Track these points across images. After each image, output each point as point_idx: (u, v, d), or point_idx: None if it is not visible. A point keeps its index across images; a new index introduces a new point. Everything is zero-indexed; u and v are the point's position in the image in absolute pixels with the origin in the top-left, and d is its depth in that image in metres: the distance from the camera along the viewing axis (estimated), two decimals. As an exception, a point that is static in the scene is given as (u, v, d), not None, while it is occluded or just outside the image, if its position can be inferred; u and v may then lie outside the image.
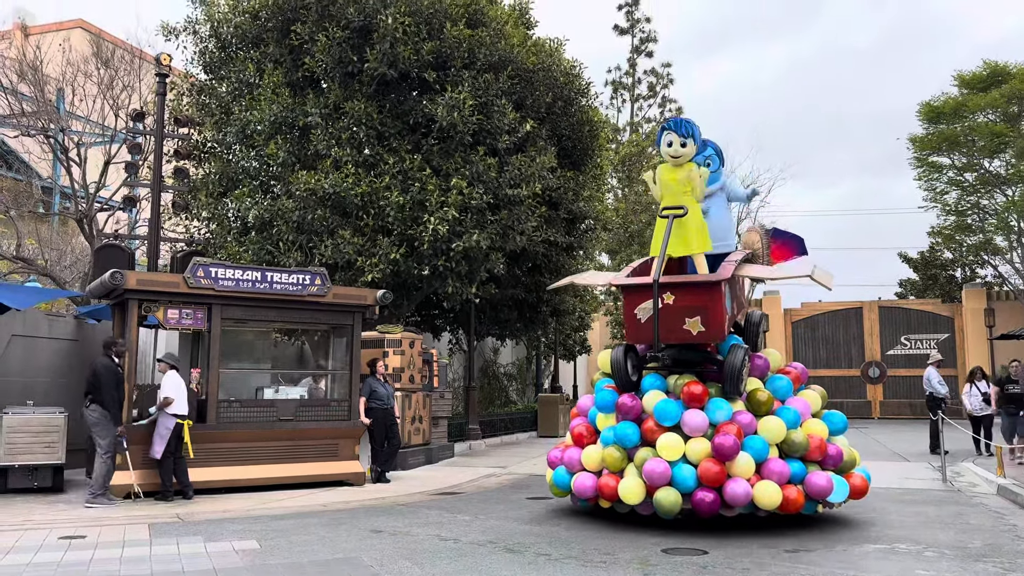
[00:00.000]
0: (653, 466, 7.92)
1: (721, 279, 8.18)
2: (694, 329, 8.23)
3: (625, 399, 8.54)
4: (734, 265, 8.57)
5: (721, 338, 8.40)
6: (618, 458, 8.37)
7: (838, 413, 9.13)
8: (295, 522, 8.89)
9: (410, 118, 15.02)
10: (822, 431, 8.60)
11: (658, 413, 8.26)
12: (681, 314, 8.23)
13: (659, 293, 8.11)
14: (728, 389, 8.42)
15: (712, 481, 7.84)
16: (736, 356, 8.36)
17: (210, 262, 11.15)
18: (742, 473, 7.90)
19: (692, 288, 8.28)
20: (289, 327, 13.70)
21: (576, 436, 9.10)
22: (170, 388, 10.31)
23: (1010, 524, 8.90)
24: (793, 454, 8.25)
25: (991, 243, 30.56)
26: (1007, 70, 28.81)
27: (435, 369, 15.97)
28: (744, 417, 8.27)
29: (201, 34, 16.15)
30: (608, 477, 8.45)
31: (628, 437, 8.33)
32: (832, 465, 8.45)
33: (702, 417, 8.14)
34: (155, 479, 10.30)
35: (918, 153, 30.65)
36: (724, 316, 8.25)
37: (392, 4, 14.41)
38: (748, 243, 9.85)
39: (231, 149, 16.08)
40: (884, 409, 31.71)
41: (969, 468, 13.88)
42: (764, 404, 8.50)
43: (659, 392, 8.59)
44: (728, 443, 7.83)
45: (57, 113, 18.42)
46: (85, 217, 17.78)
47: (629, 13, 37.91)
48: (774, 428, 8.23)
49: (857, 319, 32.89)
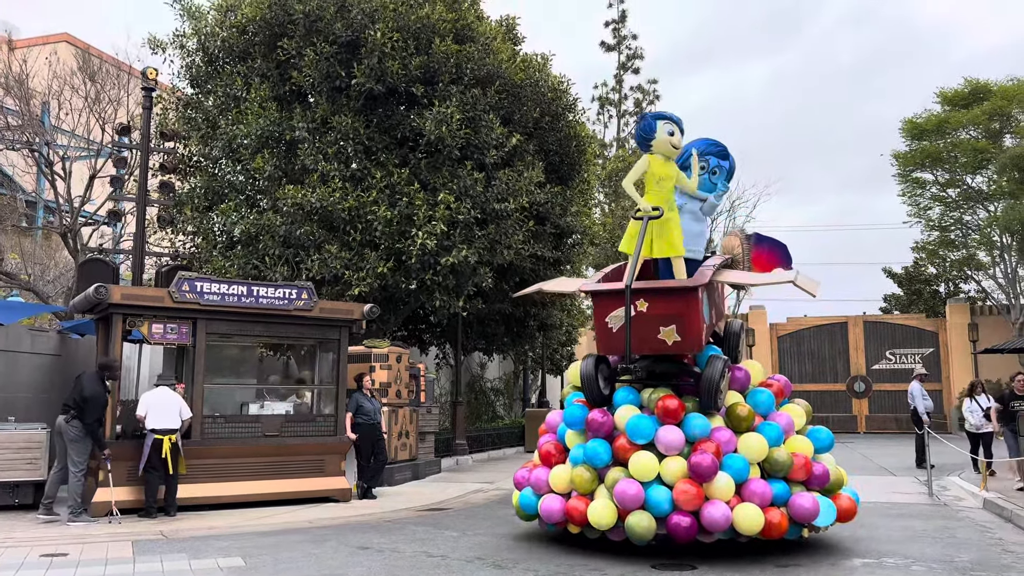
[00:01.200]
0: (625, 488, 7.31)
1: (698, 284, 7.57)
2: (669, 339, 7.62)
3: (595, 415, 7.90)
4: (712, 270, 8.00)
5: (698, 348, 7.80)
6: (588, 479, 7.72)
7: (824, 429, 8.52)
8: (281, 539, 8.80)
9: (398, 132, 15.04)
10: (807, 449, 7.99)
11: (630, 430, 7.61)
12: (655, 323, 7.61)
13: (632, 300, 7.55)
14: (706, 403, 7.78)
15: (688, 504, 7.25)
16: (714, 368, 7.71)
17: (195, 276, 11.08)
18: (721, 495, 7.30)
19: (667, 295, 7.65)
20: (275, 342, 13.62)
21: (544, 455, 8.44)
22: (142, 404, 10.18)
23: (996, 538, 8.92)
24: (776, 474, 7.65)
25: (974, 258, 30.81)
26: (988, 87, 29.17)
27: (422, 384, 15.91)
28: (723, 434, 7.67)
29: (188, 48, 16.15)
30: (577, 500, 7.77)
31: (598, 456, 7.68)
32: (818, 485, 7.83)
33: (678, 434, 7.52)
34: (140, 496, 10.20)
35: (901, 169, 30.94)
36: (701, 325, 7.66)
37: (380, 19, 14.45)
38: (728, 248, 9.33)
39: (217, 163, 16.04)
40: (870, 423, 31.82)
41: (955, 482, 13.92)
42: (745, 420, 7.85)
43: (632, 407, 7.94)
44: (705, 462, 7.24)
45: (42, 127, 18.33)
46: (69, 231, 17.66)
47: (616, 30, 38.18)
48: (755, 446, 7.62)
49: (842, 334, 33.05)
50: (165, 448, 10.07)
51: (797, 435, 8.18)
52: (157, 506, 10.12)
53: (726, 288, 9.81)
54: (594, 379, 8.13)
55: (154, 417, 10.10)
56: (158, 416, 10.12)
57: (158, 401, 10.20)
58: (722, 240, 9.62)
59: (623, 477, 7.46)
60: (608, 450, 7.72)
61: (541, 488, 8.24)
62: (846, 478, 8.45)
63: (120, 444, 10.35)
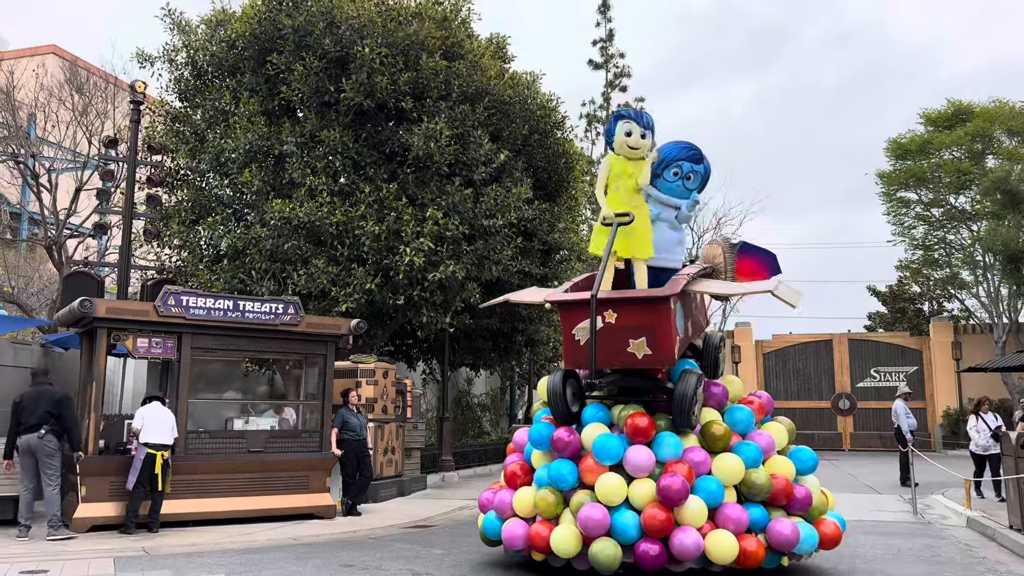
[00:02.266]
0: (589, 513, 6.80)
1: (669, 294, 7.07)
2: (639, 352, 7.11)
3: (561, 433, 7.38)
4: (685, 279, 7.47)
5: (670, 362, 7.25)
6: (552, 502, 7.17)
7: (807, 450, 7.95)
8: (264, 556, 8.73)
9: (386, 148, 15.07)
10: (788, 470, 7.46)
11: (597, 450, 7.08)
12: (624, 335, 7.10)
13: (600, 310, 7.08)
14: (678, 421, 7.24)
15: (657, 531, 6.74)
16: (687, 383, 7.17)
17: (181, 290, 11.03)
18: (692, 521, 6.79)
19: (636, 305, 7.16)
20: (261, 357, 13.56)
21: (509, 476, 7.88)
22: (138, 417, 10.14)
23: (979, 556, 8.96)
24: (754, 497, 7.15)
25: (957, 277, 31.09)
26: (971, 109, 29.55)
27: (408, 400, 15.86)
28: (697, 454, 7.18)
29: (177, 62, 16.15)
30: (541, 525, 7.22)
31: (563, 478, 7.17)
32: (799, 510, 7.29)
33: (647, 454, 7.02)
34: (121, 511, 10.09)
35: (886, 188, 31.24)
36: (673, 337, 7.16)
37: (369, 35, 14.50)
38: (708, 257, 8.78)
39: (204, 177, 16.00)
40: (854, 441, 31.95)
41: (939, 500, 13.98)
42: (720, 439, 7.33)
43: (600, 425, 7.43)
44: (675, 485, 6.68)
45: (28, 138, 18.25)
46: (54, 244, 17.56)
47: (604, 48, 38.44)
48: (731, 467, 7.13)
49: (827, 351, 33.21)
50: (157, 464, 9.98)
51: (778, 456, 7.68)
52: (138, 522, 10.01)
53: (708, 300, 9.32)
54: (561, 395, 7.63)
55: (150, 431, 10.03)
56: (154, 431, 10.05)
57: (154, 416, 10.15)
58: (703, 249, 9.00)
59: (589, 501, 6.97)
60: (574, 471, 7.24)
61: (505, 511, 7.70)
62: (833, 501, 7.94)
63: (102, 459, 10.25)
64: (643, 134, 7.83)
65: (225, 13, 16.04)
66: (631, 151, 7.82)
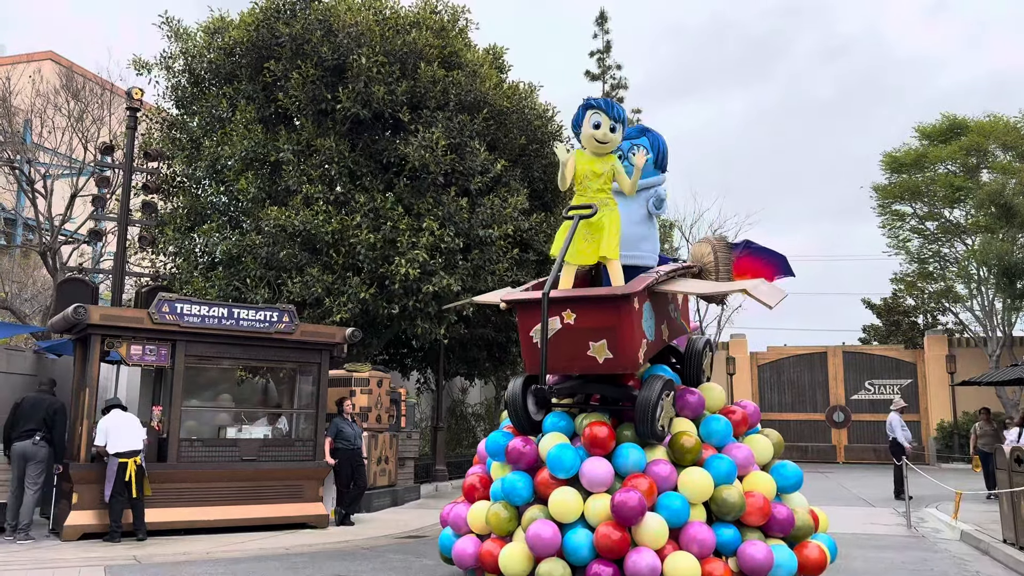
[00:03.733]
0: (538, 530, 6.24)
1: (631, 292, 6.42)
2: (600, 356, 6.45)
3: (515, 443, 6.85)
4: (653, 277, 6.86)
5: (634, 367, 6.61)
6: (504, 518, 6.65)
7: (791, 465, 7.29)
8: (256, 565, 8.68)
9: (383, 157, 15.08)
10: (768, 488, 6.80)
11: (551, 461, 6.52)
12: (584, 337, 6.47)
13: (557, 310, 6.50)
14: (641, 431, 6.61)
15: (610, 551, 6.14)
16: (651, 389, 6.55)
17: (176, 298, 11.00)
18: (650, 541, 6.16)
19: (596, 304, 6.51)
20: (255, 364, 13.50)
21: (467, 489, 7.38)
22: (100, 433, 10.01)
23: (973, 570, 8.95)
24: (725, 517, 6.50)
25: (952, 291, 31.16)
26: (965, 123, 29.67)
27: (403, 409, 15.82)
28: (662, 468, 6.55)
29: (174, 69, 16.15)
30: (493, 543, 6.69)
31: (516, 491, 6.63)
32: (779, 531, 6.64)
33: (605, 468, 6.44)
34: (109, 519, 10.04)
35: (881, 201, 31.33)
36: (637, 340, 6.52)
37: (366, 44, 14.53)
38: (697, 256, 8.12)
39: (200, 184, 15.99)
40: (849, 454, 31.93)
41: (933, 514, 13.97)
42: (690, 452, 6.65)
43: (559, 435, 6.86)
44: (630, 502, 6.06)
45: (24, 144, 18.22)
46: (49, 250, 17.52)
47: (601, 60, 38.57)
48: (698, 483, 6.46)
49: (822, 364, 33.23)
50: (130, 471, 9.88)
51: (759, 472, 7.01)
52: (122, 530, 9.92)
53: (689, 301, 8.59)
54: (520, 402, 7.06)
55: (115, 441, 9.93)
56: (118, 439, 9.94)
57: (116, 424, 10.03)
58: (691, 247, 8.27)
59: (541, 517, 6.43)
60: (528, 485, 6.68)
61: (460, 527, 7.18)
62: (825, 522, 7.37)
63: (94, 467, 10.19)
64: (612, 127, 7.10)
65: (223, 21, 16.06)
66: (599, 146, 7.13)
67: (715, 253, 7.89)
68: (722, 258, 7.89)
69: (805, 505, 7.11)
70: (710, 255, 7.90)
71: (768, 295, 7.11)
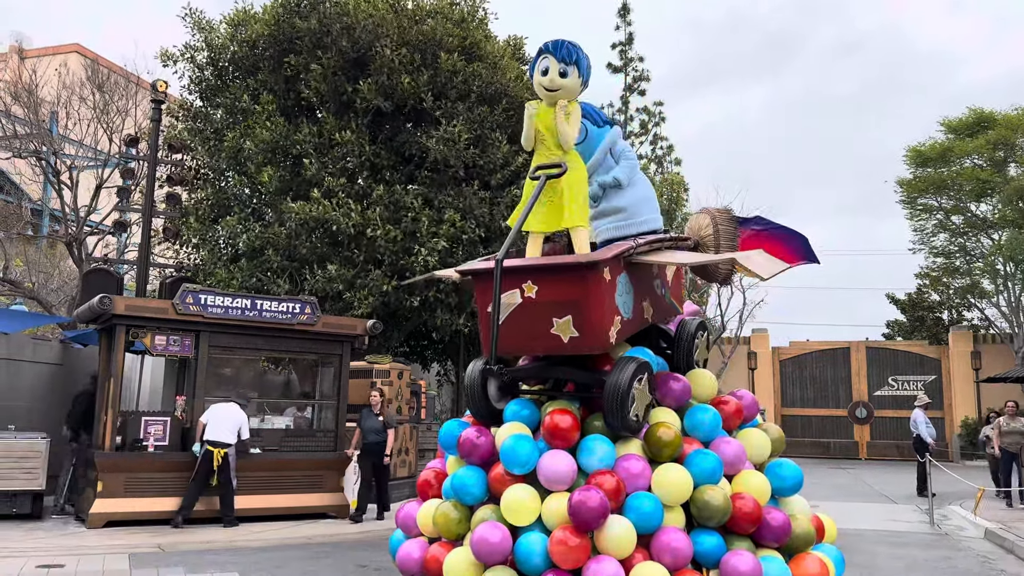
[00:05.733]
0: (484, 534, 5.35)
1: (599, 260, 5.50)
2: (564, 334, 5.54)
3: (468, 434, 5.95)
4: (628, 245, 5.87)
5: (602, 347, 5.63)
6: (454, 519, 5.73)
7: (790, 464, 6.18)
8: (278, 555, 8.75)
9: (404, 150, 15.10)
10: (760, 489, 5.77)
11: (505, 455, 5.60)
12: (547, 313, 5.56)
13: (517, 282, 5.59)
14: (610, 422, 5.65)
15: (567, 559, 5.21)
16: (622, 373, 5.56)
17: (199, 289, 11.10)
18: (614, 548, 5.23)
19: (559, 275, 5.55)
20: (277, 356, 13.61)
21: (420, 485, 6.43)
22: (206, 414, 10.57)
23: (998, 569, 8.86)
24: (707, 522, 5.50)
25: (978, 286, 30.79)
26: (992, 116, 29.26)
27: (423, 400, 15.87)
28: (634, 464, 5.57)
29: (198, 61, 16.26)
30: (440, 547, 5.78)
31: (466, 489, 5.75)
32: (773, 540, 5.60)
33: (566, 463, 5.48)
34: (135, 508, 10.20)
35: (906, 196, 31.00)
36: (607, 316, 5.59)
37: (386, 35, 14.54)
38: (694, 229, 7.01)
39: (223, 175, 16.10)
40: (871, 450, 31.67)
41: (956, 511, 13.84)
42: (668, 446, 5.62)
43: (518, 425, 5.91)
44: (590, 502, 5.16)
45: (50, 136, 18.42)
46: (74, 240, 17.71)
47: (623, 52, 38.39)
48: (674, 482, 5.47)
49: (845, 359, 32.96)
50: (215, 461, 10.28)
51: (751, 471, 5.97)
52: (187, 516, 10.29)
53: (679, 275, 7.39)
54: (479, 388, 6.17)
55: (210, 429, 10.43)
56: (213, 429, 10.44)
57: (216, 416, 10.52)
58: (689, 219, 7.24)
59: (492, 519, 5.54)
60: (481, 482, 5.80)
61: (410, 529, 6.27)
62: (832, 531, 6.29)
63: (118, 456, 10.33)
64: (563, 71, 5.95)
65: (246, 14, 16.14)
66: (548, 94, 6.04)
67: (715, 225, 6.83)
68: (724, 231, 6.83)
69: (807, 511, 6.06)
70: (709, 227, 6.86)
71: (762, 266, 6.19)
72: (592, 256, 5.56)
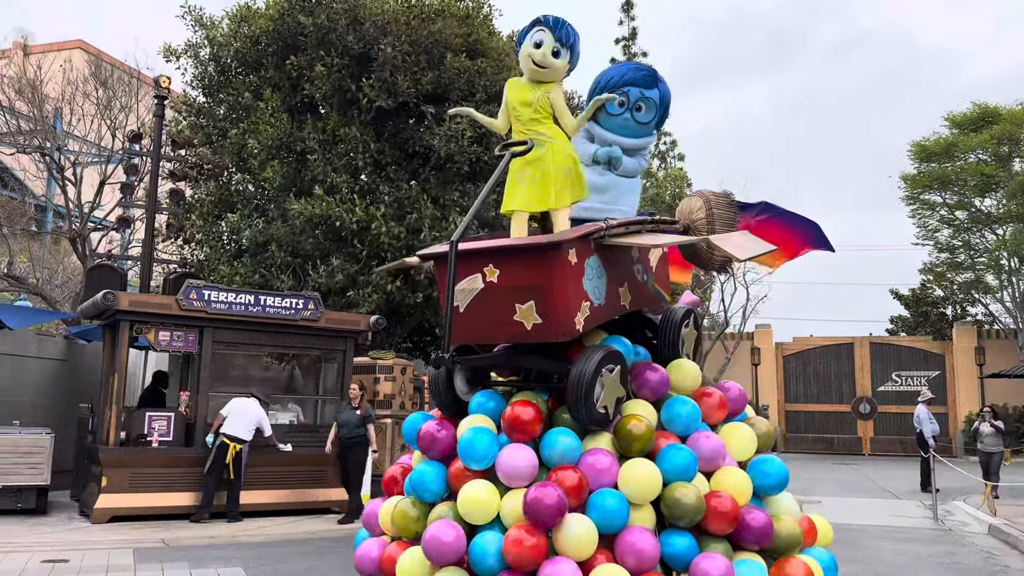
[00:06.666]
0: (436, 532, 5.01)
1: (563, 240, 5.10)
2: (528, 321, 5.15)
3: (429, 427, 5.61)
4: (599, 226, 5.45)
5: (567, 334, 5.19)
6: (412, 517, 5.41)
7: (774, 460, 5.64)
8: (281, 550, 8.78)
9: (408, 147, 15.09)
10: (740, 487, 5.29)
11: (463, 448, 5.29)
12: (510, 298, 5.18)
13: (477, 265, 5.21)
14: (575, 414, 5.27)
15: (522, 561, 4.85)
16: (586, 363, 5.16)
17: (203, 284, 11.12)
18: (572, 549, 4.87)
19: (521, 257, 5.16)
20: (281, 351, 13.63)
21: (386, 481, 6.05)
22: (227, 407, 10.70)
23: (1002, 564, 8.86)
24: (677, 521, 5.03)
25: (982, 281, 30.72)
26: (997, 111, 29.16)
27: (426, 396, 15.87)
28: (600, 459, 5.16)
29: (201, 57, 16.24)
30: (397, 547, 5.45)
31: (425, 486, 5.44)
32: (753, 542, 5.13)
33: (526, 458, 5.13)
34: (140, 503, 10.24)
35: (910, 191, 30.92)
36: (573, 301, 5.18)
37: (391, 33, 14.52)
38: (685, 212, 6.45)
39: (227, 171, 16.11)
40: (875, 446, 31.65)
41: (960, 507, 13.83)
42: (638, 439, 5.20)
43: (481, 418, 5.57)
44: (546, 499, 4.84)
45: (54, 132, 18.45)
46: (78, 236, 17.74)
47: (626, 47, 38.35)
48: (641, 478, 5.04)
49: (848, 355, 32.93)
50: (230, 455, 10.36)
51: (732, 467, 5.50)
52: (211, 511, 10.39)
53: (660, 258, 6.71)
54: (445, 378, 5.81)
55: (228, 423, 10.54)
56: (230, 423, 10.55)
57: (237, 409, 10.65)
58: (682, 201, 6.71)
59: (448, 517, 5.21)
60: (440, 478, 5.47)
61: (374, 527, 5.95)
62: (827, 534, 5.75)
63: (123, 451, 10.36)
64: (556, 50, 5.66)
65: (249, 9, 16.11)
66: (535, 69, 5.69)
67: (709, 208, 6.26)
68: (719, 216, 6.28)
69: (794, 511, 5.55)
70: (701, 211, 6.29)
71: (740, 247, 5.78)
72: (555, 237, 5.19)
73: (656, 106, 6.16)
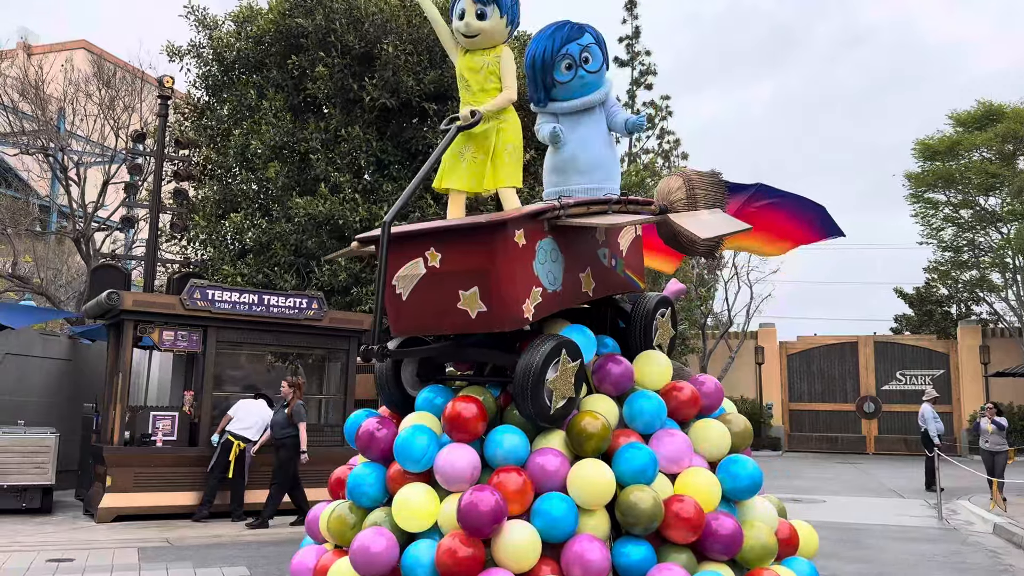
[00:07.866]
0: (364, 541, 4.54)
1: (507, 219, 4.56)
2: (472, 309, 4.67)
3: (368, 425, 5.09)
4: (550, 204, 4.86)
5: (514, 323, 4.64)
6: (348, 523, 4.94)
7: (746, 460, 4.98)
8: (285, 549, 8.78)
9: (411, 146, 15.09)
10: (706, 491, 4.66)
11: (399, 449, 4.79)
12: (453, 284, 4.70)
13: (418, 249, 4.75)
14: (523, 410, 4.69)
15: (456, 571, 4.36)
16: (535, 354, 4.61)
17: (207, 284, 11.13)
18: (512, 559, 4.39)
19: (463, 239, 4.67)
20: (285, 351, 13.65)
21: (332, 484, 5.63)
22: (234, 407, 10.79)
23: (1007, 564, 8.83)
24: (632, 528, 4.46)
25: (986, 280, 30.66)
26: (1002, 110, 29.09)
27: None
28: (549, 460, 4.62)
29: (204, 57, 16.25)
30: (332, 555, 4.96)
31: (361, 489, 4.96)
32: (720, 551, 4.53)
33: (467, 459, 4.63)
34: (144, 503, 10.25)
35: (914, 190, 30.86)
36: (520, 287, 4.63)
37: (393, 32, 14.52)
38: (663, 191, 5.71)
39: (230, 171, 16.12)
40: (879, 445, 31.61)
41: (965, 506, 13.80)
42: (592, 438, 4.62)
43: (425, 415, 5.04)
44: (482, 505, 4.35)
45: (57, 132, 18.48)
46: (82, 236, 17.77)
47: (629, 46, 38.31)
48: (591, 481, 4.46)
49: (852, 353, 32.88)
50: (233, 452, 10.40)
51: (699, 469, 4.85)
52: (211, 511, 10.40)
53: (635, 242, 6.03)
54: (390, 372, 5.33)
55: (235, 422, 10.61)
56: (237, 422, 10.62)
57: (244, 409, 10.72)
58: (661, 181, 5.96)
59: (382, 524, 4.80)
60: (379, 481, 4.99)
61: (316, 534, 5.48)
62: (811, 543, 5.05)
63: (127, 450, 10.38)
64: (480, 12, 5.10)
65: (252, 10, 16.12)
66: (468, 41, 5.22)
67: (690, 188, 5.63)
68: (702, 195, 5.63)
69: (771, 518, 4.93)
70: (680, 190, 5.62)
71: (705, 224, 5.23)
72: (500, 216, 4.62)
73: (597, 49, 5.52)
